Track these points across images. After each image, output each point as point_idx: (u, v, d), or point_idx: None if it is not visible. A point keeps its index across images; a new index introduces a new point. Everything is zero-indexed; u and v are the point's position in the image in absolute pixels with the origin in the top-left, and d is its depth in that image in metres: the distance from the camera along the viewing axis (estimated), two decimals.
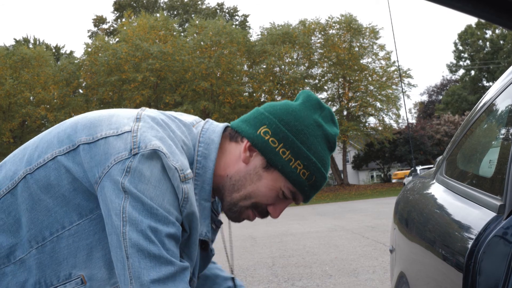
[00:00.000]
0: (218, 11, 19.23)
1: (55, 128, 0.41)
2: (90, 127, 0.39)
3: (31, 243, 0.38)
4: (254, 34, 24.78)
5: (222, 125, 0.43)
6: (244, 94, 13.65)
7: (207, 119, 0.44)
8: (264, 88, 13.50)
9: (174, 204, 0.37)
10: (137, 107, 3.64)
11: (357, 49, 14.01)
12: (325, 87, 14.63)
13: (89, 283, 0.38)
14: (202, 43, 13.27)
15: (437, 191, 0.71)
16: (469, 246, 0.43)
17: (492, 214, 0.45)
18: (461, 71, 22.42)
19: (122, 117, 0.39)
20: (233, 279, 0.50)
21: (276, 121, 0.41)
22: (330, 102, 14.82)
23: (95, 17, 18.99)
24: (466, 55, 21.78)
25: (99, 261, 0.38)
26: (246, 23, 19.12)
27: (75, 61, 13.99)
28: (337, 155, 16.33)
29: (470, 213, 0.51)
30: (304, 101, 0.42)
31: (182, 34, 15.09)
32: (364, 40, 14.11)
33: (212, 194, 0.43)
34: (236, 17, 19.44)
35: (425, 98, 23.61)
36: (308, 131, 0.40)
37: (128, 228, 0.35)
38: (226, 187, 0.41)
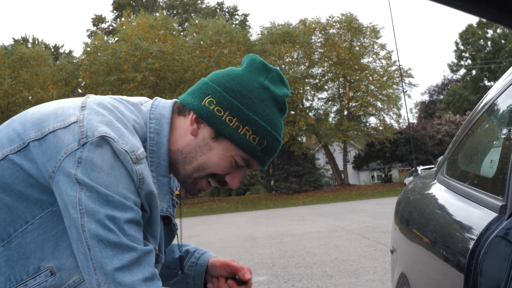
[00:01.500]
0: (218, 10, 19.21)
1: (5, 127, 0.41)
2: (38, 123, 0.38)
3: None
4: (254, 33, 24.89)
5: (171, 101, 0.43)
6: None
7: (155, 97, 0.43)
8: None
9: (130, 188, 0.37)
10: None
11: (357, 48, 13.98)
12: (326, 87, 14.61)
13: (59, 274, 0.38)
14: (201, 42, 13.29)
15: (438, 191, 0.71)
16: (470, 246, 0.43)
17: (494, 215, 0.45)
18: (462, 71, 22.48)
19: (67, 108, 0.39)
20: (180, 257, 0.49)
21: (219, 89, 0.40)
22: (330, 102, 14.75)
23: (94, 17, 18.93)
24: (467, 55, 21.76)
25: (66, 251, 0.38)
26: (246, 23, 19.09)
27: (74, 61, 13.99)
28: (338, 155, 16.29)
29: (472, 213, 0.51)
30: (248, 65, 0.41)
31: (182, 33, 15.09)
32: (365, 40, 14.10)
33: (168, 171, 0.42)
34: (236, 17, 19.41)
35: (426, 97, 23.63)
36: (254, 95, 0.39)
37: (86, 219, 0.35)
38: (178, 161, 0.41)
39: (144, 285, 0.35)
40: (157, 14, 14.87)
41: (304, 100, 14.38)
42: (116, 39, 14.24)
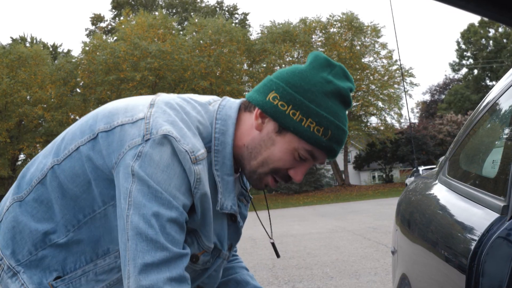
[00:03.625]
0: (217, 9, 19.16)
1: (80, 121, 0.44)
2: (109, 116, 0.41)
3: (68, 227, 0.41)
4: (254, 32, 24.92)
5: (239, 100, 0.45)
6: (244, 93, 13.72)
7: (224, 97, 0.45)
8: None
9: (181, 189, 0.38)
10: None
11: (358, 47, 13.95)
12: None
13: None
14: (201, 41, 13.23)
15: (440, 191, 0.70)
16: (472, 247, 0.43)
17: (496, 215, 0.44)
18: (464, 70, 22.45)
19: (137, 104, 0.41)
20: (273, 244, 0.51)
21: (283, 85, 0.41)
22: None
23: (93, 16, 18.78)
24: (469, 54, 21.67)
25: None
26: (246, 22, 19.01)
27: (73, 60, 13.87)
28: (339, 156, 16.03)
29: (473, 214, 0.51)
30: (311, 62, 0.43)
31: (181, 32, 15.02)
32: (366, 39, 14.06)
33: (237, 168, 0.44)
34: (236, 15, 19.33)
35: (427, 97, 23.61)
36: (316, 89, 0.41)
37: (132, 211, 0.37)
38: (244, 157, 0.42)
39: (169, 285, 0.36)
40: (156, 13, 14.85)
41: None
42: (115, 38, 14.21)
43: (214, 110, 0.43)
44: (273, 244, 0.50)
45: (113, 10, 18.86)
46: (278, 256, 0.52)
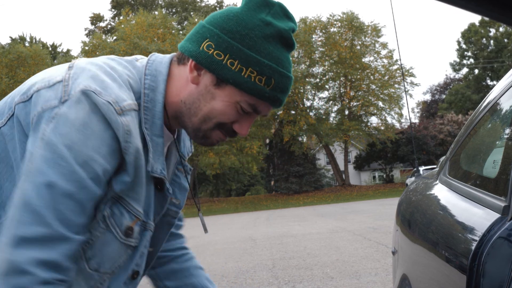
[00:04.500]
0: (217, 8, 19.30)
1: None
2: (26, 88, 0.37)
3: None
4: None
5: (170, 55, 0.40)
6: None
7: (152, 53, 0.41)
8: None
9: (101, 150, 0.33)
10: None
11: (358, 47, 13.91)
12: (326, 86, 14.56)
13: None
14: None
15: (440, 192, 0.70)
16: (473, 247, 0.43)
17: (496, 215, 0.44)
18: (465, 70, 22.32)
19: (56, 70, 0.38)
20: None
21: (217, 31, 0.37)
22: (331, 101, 14.68)
23: (92, 15, 18.75)
24: (469, 54, 21.58)
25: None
26: None
27: (72, 60, 14.20)
28: (339, 156, 16.25)
29: (474, 214, 0.51)
30: (246, 2, 0.38)
31: (181, 32, 14.98)
32: (366, 38, 14.02)
33: (173, 129, 0.40)
34: None
35: (428, 97, 23.51)
36: (255, 33, 0.37)
37: (26, 177, 0.33)
38: (184, 113, 0.39)
39: (34, 266, 0.31)
40: (156, 12, 14.81)
41: (304, 99, 14.33)
42: (115, 38, 14.25)
43: (143, 65, 0.39)
44: (201, 217, 0.45)
45: (113, 10, 18.82)
46: (205, 231, 0.46)
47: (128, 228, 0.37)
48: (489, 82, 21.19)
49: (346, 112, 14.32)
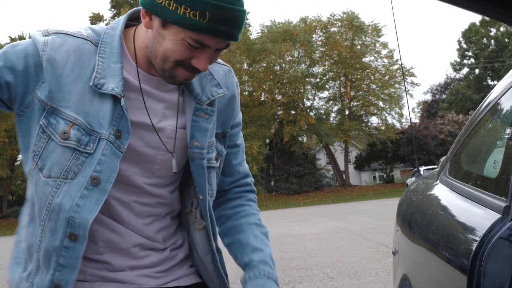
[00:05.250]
0: None
1: None
2: None
3: None
4: (254, 31, 24.00)
5: (134, 8, 0.47)
6: (244, 93, 13.51)
7: None
8: (264, 87, 13.36)
9: (20, 55, 0.42)
10: None
11: (359, 47, 13.87)
12: (327, 86, 14.53)
13: None
14: None
15: (441, 192, 0.70)
16: (474, 248, 0.43)
17: (497, 216, 0.44)
18: (465, 70, 22.33)
19: None
20: None
21: None
22: (331, 101, 14.65)
23: (92, 15, 18.48)
24: (470, 54, 21.61)
25: None
26: (246, 21, 18.98)
27: None
28: (339, 156, 16.22)
29: (475, 214, 0.51)
30: None
31: None
32: (366, 38, 13.98)
33: (151, 68, 0.45)
34: None
35: (428, 97, 23.54)
36: None
37: None
38: (151, 57, 0.43)
39: None
40: None
41: (304, 99, 14.31)
42: None
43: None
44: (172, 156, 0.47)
45: (112, 10, 18.81)
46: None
47: (63, 131, 0.42)
48: (489, 82, 21.20)
49: (347, 112, 14.29)
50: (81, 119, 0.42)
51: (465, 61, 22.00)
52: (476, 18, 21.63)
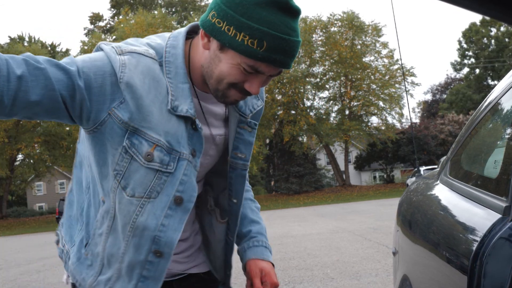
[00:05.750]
0: None
1: None
2: None
3: None
4: None
5: (189, 24, 0.49)
6: None
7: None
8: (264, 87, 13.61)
9: (97, 71, 0.43)
10: None
11: (359, 47, 13.88)
12: (327, 86, 14.54)
13: None
14: None
15: (441, 192, 0.70)
16: (474, 248, 0.43)
17: (497, 216, 0.44)
18: (466, 70, 22.28)
19: None
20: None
21: (219, 2, 0.43)
22: (331, 101, 14.67)
23: (92, 14, 18.67)
24: (470, 53, 21.54)
25: None
26: None
27: None
28: (339, 156, 16.25)
29: (475, 214, 0.51)
30: None
31: None
32: (367, 38, 13.99)
33: (204, 86, 0.47)
34: None
35: (428, 97, 23.54)
36: (248, 1, 0.42)
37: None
38: (205, 77, 0.46)
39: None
40: (156, 12, 14.81)
41: (305, 99, 14.33)
42: (114, 37, 14.23)
43: (168, 36, 0.48)
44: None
45: (112, 9, 18.72)
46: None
47: (147, 153, 0.44)
48: (490, 82, 21.15)
49: (347, 112, 14.30)
50: (162, 139, 0.44)
51: (466, 61, 21.97)
52: (476, 17, 21.68)
